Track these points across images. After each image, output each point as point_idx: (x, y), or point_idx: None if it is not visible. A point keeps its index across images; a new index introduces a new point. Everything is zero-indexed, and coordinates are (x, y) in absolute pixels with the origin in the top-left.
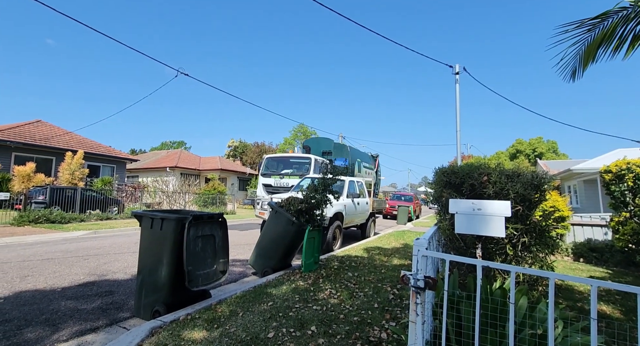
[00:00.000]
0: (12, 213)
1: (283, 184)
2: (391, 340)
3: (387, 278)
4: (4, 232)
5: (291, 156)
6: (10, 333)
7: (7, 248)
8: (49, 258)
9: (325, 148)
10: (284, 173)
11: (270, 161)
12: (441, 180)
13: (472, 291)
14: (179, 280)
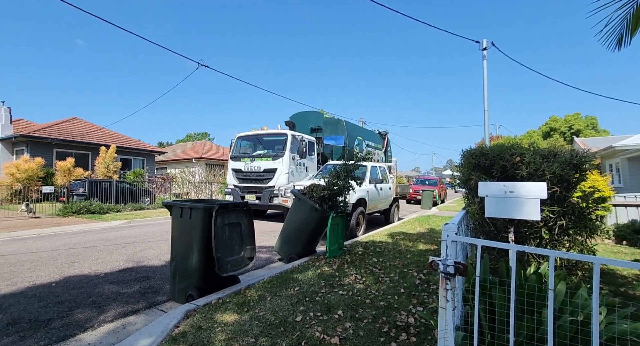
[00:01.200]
0: (58, 205)
1: (254, 168)
2: (419, 324)
3: (413, 263)
4: (52, 222)
5: (265, 133)
6: (64, 314)
7: (55, 237)
8: (92, 246)
9: (314, 124)
10: (256, 155)
11: (243, 141)
12: (469, 162)
13: (504, 276)
14: (209, 266)
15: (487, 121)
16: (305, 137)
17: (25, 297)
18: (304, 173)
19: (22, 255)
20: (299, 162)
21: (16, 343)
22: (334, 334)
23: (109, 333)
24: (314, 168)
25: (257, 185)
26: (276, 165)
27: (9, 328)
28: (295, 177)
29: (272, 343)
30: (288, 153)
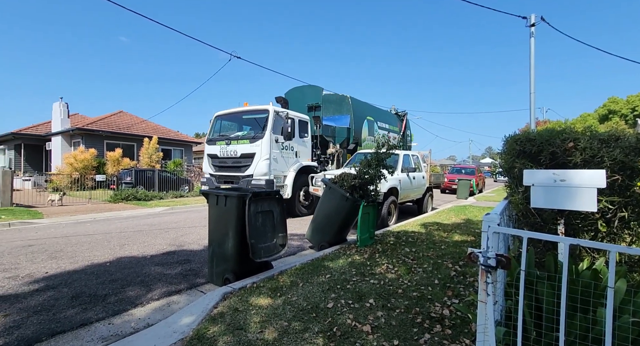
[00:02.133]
0: (109, 192)
1: (230, 153)
2: (454, 317)
3: (448, 254)
4: (104, 208)
5: (244, 110)
6: (117, 291)
7: (108, 221)
8: (139, 230)
9: (311, 100)
10: (233, 137)
11: (222, 121)
12: (513, 149)
13: (552, 271)
14: (244, 252)
15: (534, 104)
16: (293, 115)
17: (85, 274)
18: (293, 159)
19: (81, 236)
20: (286, 146)
21: (80, 314)
22: (365, 322)
23: (155, 310)
24: (308, 154)
25: (233, 174)
26: (254, 149)
27: (73, 300)
28: (280, 163)
29: (304, 327)
30: (269, 134)
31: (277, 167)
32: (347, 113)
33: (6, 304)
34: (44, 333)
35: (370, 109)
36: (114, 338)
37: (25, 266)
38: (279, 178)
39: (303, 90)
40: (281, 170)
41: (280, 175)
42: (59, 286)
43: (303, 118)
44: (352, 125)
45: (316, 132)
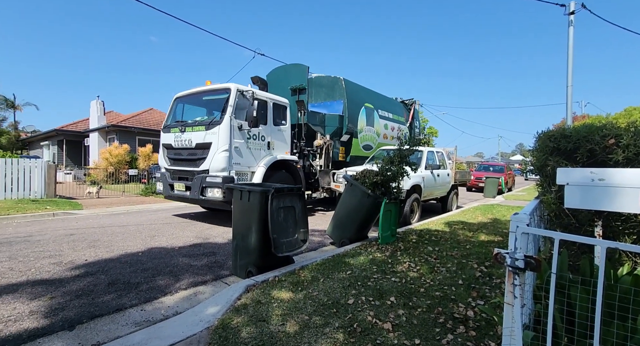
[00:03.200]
0: (140, 186)
1: (185, 143)
2: (479, 318)
3: (473, 254)
4: (137, 201)
5: (204, 90)
6: (148, 279)
7: (139, 213)
8: (168, 222)
9: (295, 82)
10: (191, 123)
11: (183, 105)
12: (546, 146)
13: (587, 275)
14: (266, 246)
15: (571, 98)
16: (263, 95)
17: (120, 263)
18: (264, 151)
19: (116, 227)
20: (254, 135)
21: (115, 300)
22: (386, 319)
23: (183, 299)
24: (286, 145)
25: (188, 169)
26: (210, 138)
27: (109, 287)
28: (246, 157)
29: (325, 322)
30: (228, 119)
31: (241, 161)
32: (340, 98)
33: (52, 287)
34: (84, 316)
35: (369, 95)
36: (145, 323)
37: (68, 254)
38: (243, 175)
39: (286, 70)
40: (247, 164)
41: (246, 171)
42: (97, 273)
43: (279, 101)
44: (345, 113)
45: (300, 119)
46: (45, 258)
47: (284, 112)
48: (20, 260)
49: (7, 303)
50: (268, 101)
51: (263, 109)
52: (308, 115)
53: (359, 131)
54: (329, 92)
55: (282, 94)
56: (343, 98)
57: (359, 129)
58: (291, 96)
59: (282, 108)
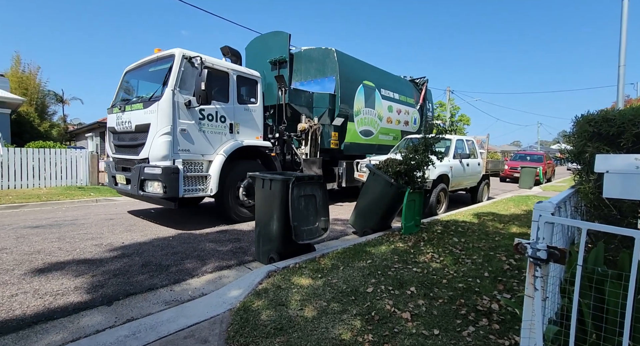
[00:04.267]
0: None
1: (125, 125)
2: (504, 312)
3: (502, 246)
4: None
5: (150, 60)
6: (177, 262)
7: None
8: (196, 210)
9: (276, 54)
10: (133, 101)
11: (132, 79)
12: (584, 130)
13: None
14: (288, 234)
15: (623, 79)
16: (219, 64)
17: (153, 246)
18: (226, 136)
19: (150, 213)
20: (209, 114)
21: (148, 280)
22: (405, 309)
23: (209, 282)
24: (257, 129)
25: (129, 157)
26: (149, 118)
27: (143, 268)
28: (199, 142)
29: (342, 309)
30: (170, 93)
31: (190, 147)
32: (332, 74)
33: (93, 266)
34: (120, 293)
35: (369, 71)
36: (174, 303)
37: (107, 236)
38: (196, 165)
39: (265, 41)
40: (201, 151)
41: (199, 160)
42: (132, 255)
43: (246, 73)
44: (338, 91)
45: (281, 98)
46: (88, 240)
47: (253, 88)
48: (67, 241)
49: (57, 279)
50: (229, 72)
51: (222, 83)
52: (290, 94)
53: (355, 113)
54: (319, 67)
55: (261, 69)
56: (335, 74)
57: (356, 111)
58: (271, 71)
59: (250, 82)
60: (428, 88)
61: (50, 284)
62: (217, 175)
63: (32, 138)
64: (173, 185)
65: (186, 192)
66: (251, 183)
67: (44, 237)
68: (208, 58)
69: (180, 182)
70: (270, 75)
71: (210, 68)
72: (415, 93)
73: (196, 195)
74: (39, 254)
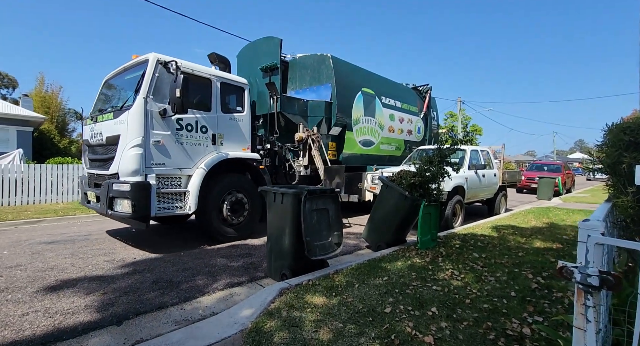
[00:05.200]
0: None
1: (97, 137)
2: (537, 337)
3: (527, 262)
4: None
5: (126, 67)
6: (188, 279)
7: None
8: None
9: (267, 60)
10: (102, 111)
11: (110, 88)
12: (620, 139)
13: None
14: (300, 249)
15: None
16: (199, 70)
17: (164, 261)
18: (207, 147)
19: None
20: (188, 124)
21: (158, 298)
22: (427, 332)
23: (220, 300)
24: (244, 140)
25: (100, 172)
26: (118, 129)
27: (154, 285)
28: (175, 154)
29: (360, 331)
30: (142, 101)
31: (166, 161)
32: (328, 82)
33: (105, 283)
34: (130, 312)
35: (368, 78)
36: (184, 322)
37: (119, 252)
38: (173, 180)
39: (256, 47)
40: (178, 165)
41: (177, 174)
42: (143, 271)
43: (231, 80)
44: (334, 99)
45: (273, 107)
46: (101, 256)
47: (240, 96)
48: (80, 257)
49: (68, 297)
50: (212, 79)
51: (204, 90)
52: (282, 102)
53: (354, 122)
54: (314, 74)
55: (253, 77)
56: (331, 80)
57: (354, 120)
58: (263, 78)
59: (236, 90)
60: (432, 96)
61: (61, 302)
62: (196, 191)
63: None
64: (143, 203)
65: (160, 210)
66: (238, 200)
67: (58, 253)
68: (186, 63)
69: (151, 200)
70: (263, 83)
71: (188, 74)
72: (419, 101)
73: (172, 214)
74: (52, 271)
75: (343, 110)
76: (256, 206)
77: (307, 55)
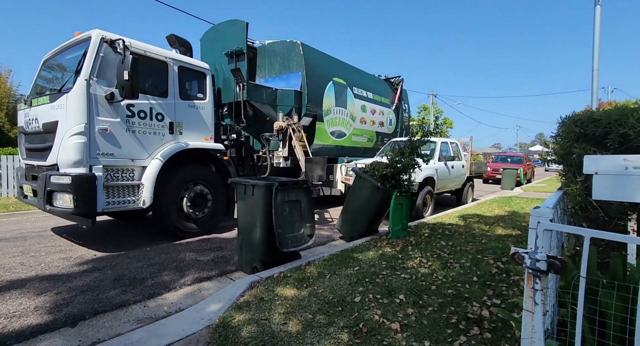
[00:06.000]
0: None
1: (33, 125)
2: (495, 319)
3: (489, 249)
4: None
5: (68, 46)
6: (154, 275)
7: None
8: None
9: (232, 45)
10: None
11: (50, 68)
12: (571, 131)
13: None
14: (271, 242)
15: (597, 83)
16: (152, 51)
17: (128, 257)
18: (164, 136)
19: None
20: (140, 110)
21: (119, 296)
22: (394, 319)
23: (187, 295)
24: (206, 129)
25: (37, 163)
26: (56, 115)
27: (115, 282)
28: (126, 143)
29: (329, 321)
30: (83, 83)
31: (115, 151)
32: (297, 70)
33: (59, 283)
34: (87, 312)
35: (339, 68)
36: (148, 320)
37: (77, 249)
38: (124, 172)
39: (220, 31)
40: (130, 155)
41: (129, 165)
42: (104, 269)
43: (190, 64)
44: (304, 88)
45: (239, 95)
46: (56, 253)
47: (201, 82)
48: (31, 255)
49: (14, 299)
50: (169, 62)
51: (159, 74)
52: (249, 90)
53: (325, 113)
54: (284, 62)
55: (219, 63)
56: (301, 69)
57: (325, 110)
58: (228, 64)
59: (197, 75)
60: (403, 89)
61: (6, 305)
62: (152, 183)
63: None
64: (87, 198)
65: (109, 205)
66: (199, 193)
67: (5, 251)
68: (137, 43)
69: (98, 193)
70: (229, 70)
71: (139, 55)
72: (391, 93)
73: (124, 209)
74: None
75: (314, 100)
76: (220, 199)
77: (276, 41)
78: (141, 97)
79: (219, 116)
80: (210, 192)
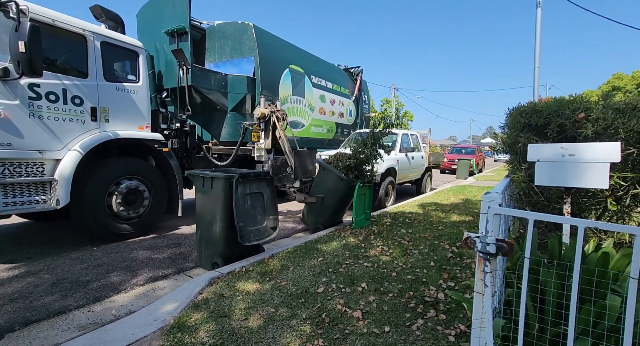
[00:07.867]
0: None
1: None
2: (449, 300)
3: (445, 235)
4: None
5: None
6: (101, 276)
7: None
8: None
9: (173, 23)
10: None
11: None
12: (517, 121)
13: (557, 255)
14: (233, 236)
15: (537, 81)
16: (63, 20)
17: (70, 259)
18: (84, 124)
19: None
20: (48, 92)
21: (58, 302)
22: (356, 307)
23: (139, 296)
24: (141, 116)
25: None
26: None
27: (53, 287)
28: (29, 130)
29: (291, 314)
30: None
31: (15, 141)
32: (250, 54)
33: None
34: (17, 322)
35: (297, 55)
36: (92, 326)
37: (9, 251)
38: (26, 166)
39: (159, 6)
40: (36, 146)
41: (34, 158)
42: (39, 272)
43: (118, 40)
44: (258, 75)
45: (189, 80)
46: None
47: (133, 62)
48: None
49: None
50: (87, 36)
51: (75, 49)
52: (195, 74)
53: (281, 102)
54: (235, 45)
55: (160, 43)
56: (254, 53)
57: (282, 99)
58: (170, 44)
59: (128, 55)
60: (363, 79)
61: None
62: (68, 179)
63: None
64: None
65: (8, 206)
66: (133, 189)
67: None
68: (41, 9)
69: None
70: (170, 50)
71: (42, 23)
72: (350, 83)
73: (30, 211)
74: None
75: (268, 88)
76: (160, 196)
77: (226, 22)
78: (50, 76)
79: (160, 103)
80: (148, 189)
